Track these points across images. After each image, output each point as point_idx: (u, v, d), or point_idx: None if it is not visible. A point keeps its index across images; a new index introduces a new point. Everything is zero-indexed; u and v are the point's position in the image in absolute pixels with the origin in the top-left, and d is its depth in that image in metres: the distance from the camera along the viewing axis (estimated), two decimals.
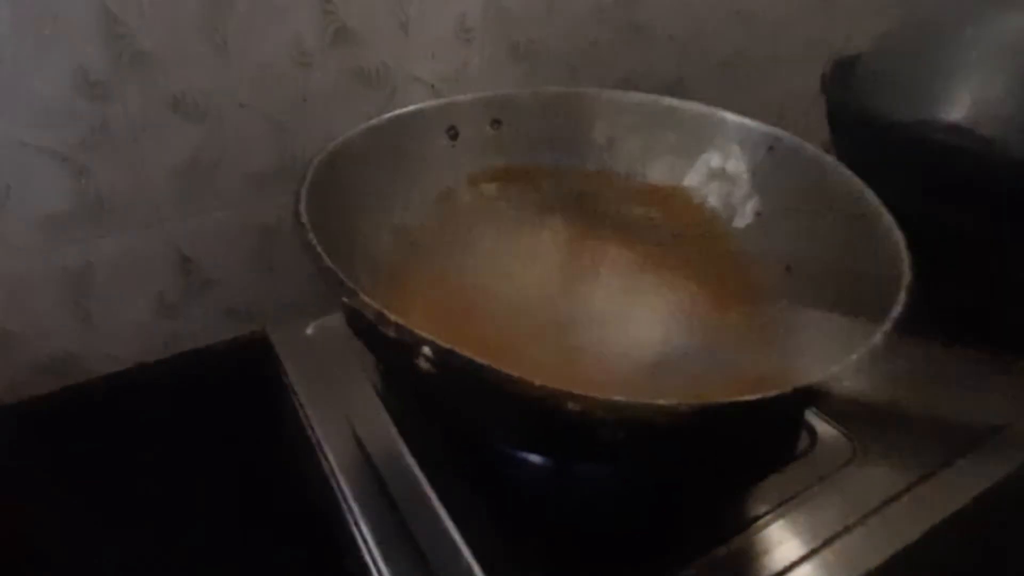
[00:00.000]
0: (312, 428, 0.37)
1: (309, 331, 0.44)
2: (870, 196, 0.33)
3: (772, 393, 0.21)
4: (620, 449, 0.25)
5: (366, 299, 0.24)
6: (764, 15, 0.72)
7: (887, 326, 0.25)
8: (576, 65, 0.62)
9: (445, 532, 0.32)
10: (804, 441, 0.37)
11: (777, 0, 0.72)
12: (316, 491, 0.37)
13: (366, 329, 0.25)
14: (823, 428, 0.38)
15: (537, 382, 0.21)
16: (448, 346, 0.22)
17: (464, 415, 0.29)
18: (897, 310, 0.26)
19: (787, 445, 0.37)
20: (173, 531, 0.48)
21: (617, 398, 0.21)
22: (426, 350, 0.22)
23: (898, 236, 0.30)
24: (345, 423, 0.38)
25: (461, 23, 0.54)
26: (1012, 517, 0.37)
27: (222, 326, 0.54)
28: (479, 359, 0.21)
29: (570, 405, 0.21)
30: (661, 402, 0.21)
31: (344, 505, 0.34)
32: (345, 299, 0.24)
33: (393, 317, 0.23)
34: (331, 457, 0.36)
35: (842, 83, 0.48)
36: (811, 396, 0.24)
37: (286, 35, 0.47)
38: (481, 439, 0.33)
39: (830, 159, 0.36)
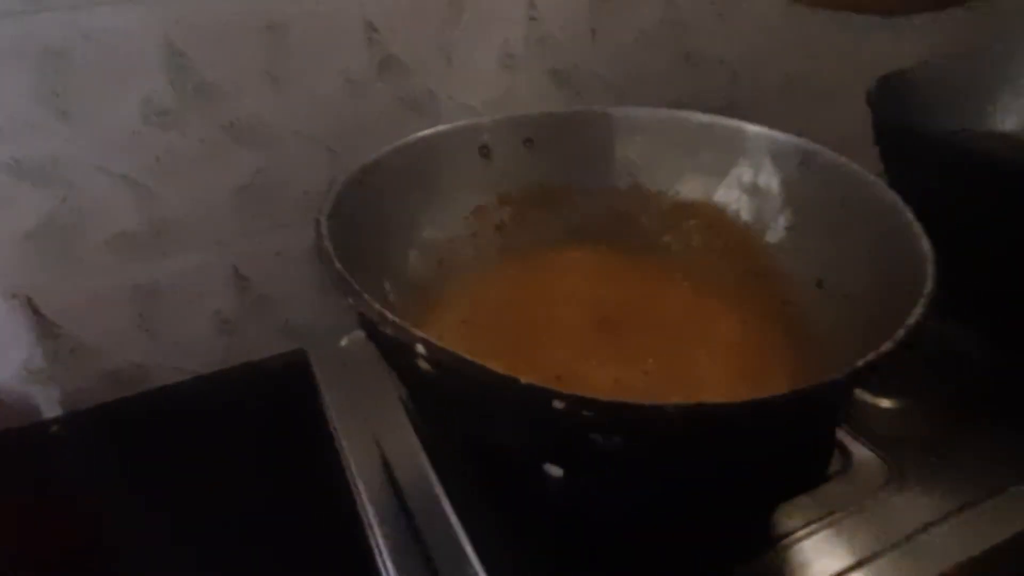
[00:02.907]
0: (339, 436, 0.39)
1: (343, 343, 0.46)
2: (900, 206, 0.32)
3: (749, 399, 0.21)
4: (622, 458, 0.25)
5: (368, 298, 0.25)
6: (822, 39, 0.70)
7: (900, 334, 0.24)
8: (622, 90, 0.62)
9: (462, 552, 0.32)
10: (837, 462, 0.35)
11: (838, 25, 0.70)
12: (341, 501, 0.38)
13: (372, 331, 0.26)
14: (859, 450, 0.36)
15: (523, 380, 0.21)
16: (439, 343, 0.22)
17: (467, 420, 0.30)
18: (912, 320, 0.25)
19: (819, 466, 0.35)
20: (222, 537, 0.50)
21: (602, 397, 0.21)
22: (420, 348, 0.23)
23: (926, 246, 0.29)
24: (369, 433, 0.39)
25: (504, 49, 0.56)
26: None
27: (276, 342, 0.57)
28: (467, 356, 0.22)
29: (555, 403, 0.21)
30: (647, 403, 0.21)
31: (363, 514, 0.35)
32: (350, 300, 0.25)
33: (391, 316, 0.24)
34: (354, 468, 0.37)
35: (889, 98, 0.46)
36: (802, 405, 0.23)
37: (336, 65, 0.50)
38: (488, 446, 0.33)
39: (862, 171, 0.35)
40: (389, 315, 0.24)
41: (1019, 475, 0.34)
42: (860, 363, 0.23)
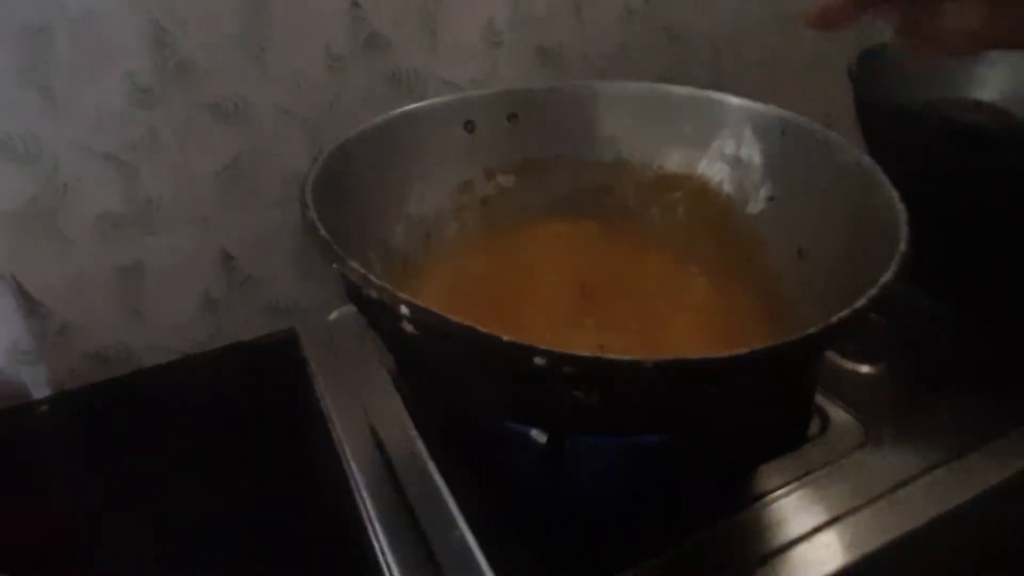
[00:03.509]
0: (329, 412, 0.39)
1: (332, 317, 0.46)
2: (875, 169, 0.32)
3: (724, 354, 0.21)
4: (604, 417, 0.26)
5: (352, 264, 0.25)
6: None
7: (872, 293, 0.25)
8: (606, 68, 0.62)
9: (453, 521, 0.33)
10: (816, 425, 0.37)
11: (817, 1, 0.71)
12: (332, 479, 0.38)
13: (356, 296, 0.26)
14: (836, 413, 0.37)
15: (505, 338, 0.22)
16: (423, 305, 0.23)
17: (452, 383, 0.30)
18: (885, 279, 0.25)
19: (799, 428, 0.36)
20: (213, 515, 0.50)
21: (582, 352, 0.21)
22: (404, 310, 0.23)
23: (900, 208, 0.30)
24: (359, 407, 0.39)
25: (490, 27, 0.56)
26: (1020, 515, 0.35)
27: (263, 321, 0.57)
28: (452, 317, 0.22)
29: (537, 360, 0.22)
30: (625, 357, 0.21)
31: (356, 491, 0.35)
32: (335, 265, 0.25)
33: (375, 279, 0.24)
34: (345, 443, 0.37)
35: (869, 73, 0.47)
36: (776, 360, 0.23)
37: (320, 42, 0.50)
38: (474, 410, 0.34)
39: (839, 138, 0.36)
40: (373, 278, 0.24)
41: (985, 437, 0.36)
42: (833, 319, 0.24)
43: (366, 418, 0.40)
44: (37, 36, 0.42)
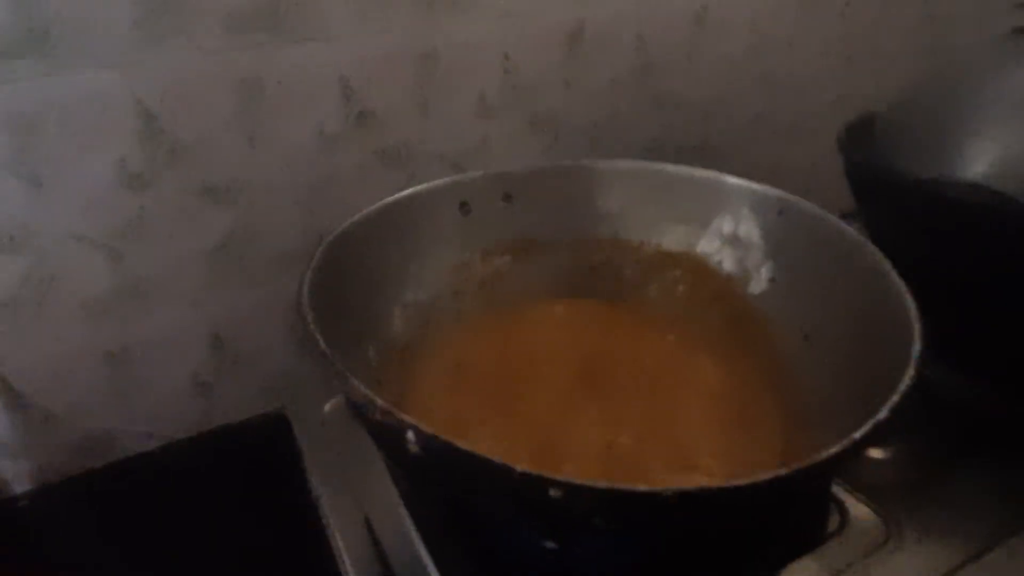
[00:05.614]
0: (322, 503, 0.38)
1: (326, 409, 0.45)
2: (882, 262, 0.32)
3: (750, 480, 0.20)
4: (620, 536, 0.25)
5: (355, 383, 0.24)
6: (789, 78, 0.72)
7: (895, 398, 0.24)
8: (597, 135, 0.63)
9: None
10: (835, 521, 0.35)
11: (801, 63, 0.72)
12: (325, 570, 0.37)
13: (359, 412, 0.25)
14: (855, 507, 0.35)
15: (519, 468, 0.21)
16: (430, 431, 0.22)
17: (457, 499, 0.29)
18: (905, 383, 0.25)
19: (816, 525, 0.35)
20: None
21: (600, 485, 0.20)
22: (410, 435, 0.22)
23: (911, 304, 0.29)
24: (355, 498, 0.38)
25: (481, 99, 0.56)
26: None
27: (254, 403, 0.56)
28: (461, 444, 0.21)
29: (552, 492, 0.21)
30: (643, 488, 0.20)
31: None
32: (336, 382, 0.25)
33: (380, 402, 0.23)
34: (338, 535, 0.36)
35: (859, 143, 0.47)
36: (803, 482, 0.23)
37: (311, 121, 0.50)
38: (480, 521, 0.33)
39: (839, 222, 0.36)
40: (378, 400, 0.23)
41: (1014, 524, 0.34)
42: (857, 435, 0.23)
43: (362, 512, 0.38)
44: (25, 123, 0.41)
